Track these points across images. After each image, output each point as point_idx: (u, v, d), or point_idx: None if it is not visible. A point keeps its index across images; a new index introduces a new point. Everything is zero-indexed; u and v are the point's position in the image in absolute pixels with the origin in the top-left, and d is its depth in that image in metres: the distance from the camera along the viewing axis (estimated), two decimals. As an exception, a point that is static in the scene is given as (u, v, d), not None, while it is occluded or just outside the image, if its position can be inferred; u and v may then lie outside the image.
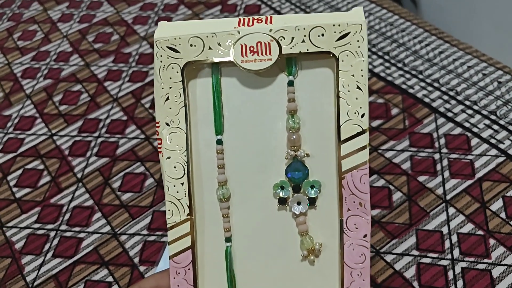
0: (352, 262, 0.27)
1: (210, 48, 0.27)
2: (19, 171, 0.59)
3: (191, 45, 0.27)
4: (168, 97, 0.28)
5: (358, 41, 0.26)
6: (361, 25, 0.26)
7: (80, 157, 0.59)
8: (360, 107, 0.26)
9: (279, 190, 0.28)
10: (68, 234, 0.52)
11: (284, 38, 0.27)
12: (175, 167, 0.28)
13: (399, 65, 0.64)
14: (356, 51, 0.26)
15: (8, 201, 0.56)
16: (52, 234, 0.52)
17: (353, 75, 0.26)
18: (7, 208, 0.55)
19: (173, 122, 0.28)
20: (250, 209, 0.29)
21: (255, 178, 0.29)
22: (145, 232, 0.51)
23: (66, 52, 0.73)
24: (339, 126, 0.27)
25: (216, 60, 0.27)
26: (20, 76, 0.71)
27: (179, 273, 0.28)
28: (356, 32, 0.26)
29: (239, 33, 0.27)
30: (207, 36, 0.27)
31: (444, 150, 0.53)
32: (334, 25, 0.26)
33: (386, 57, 0.65)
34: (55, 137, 0.62)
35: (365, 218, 0.27)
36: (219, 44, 0.27)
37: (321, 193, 0.28)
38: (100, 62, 0.71)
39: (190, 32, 0.28)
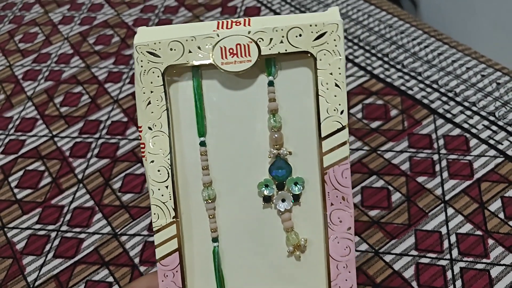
0: (337, 255, 0.27)
1: (190, 52, 0.28)
2: (20, 172, 0.59)
3: (171, 49, 0.28)
4: (149, 101, 0.28)
5: (334, 40, 0.27)
6: (337, 24, 0.27)
7: (81, 158, 0.59)
8: (339, 104, 0.27)
9: (263, 189, 0.29)
10: (69, 234, 0.52)
11: (262, 40, 0.27)
12: (159, 171, 0.28)
13: (398, 66, 0.64)
14: (333, 50, 0.27)
15: (9, 202, 0.56)
16: (53, 234, 0.52)
17: (331, 73, 0.27)
18: (9, 209, 0.55)
19: (155, 126, 0.28)
20: (235, 208, 0.29)
21: (240, 177, 0.29)
22: (145, 232, 0.51)
23: (67, 54, 0.74)
24: (319, 123, 0.27)
25: (196, 63, 0.28)
26: (21, 78, 0.71)
27: (167, 275, 0.28)
28: (332, 31, 0.27)
29: (218, 36, 0.28)
30: (186, 40, 0.28)
31: (443, 151, 0.54)
32: (311, 25, 0.27)
33: (385, 58, 0.65)
34: (56, 139, 0.62)
35: (348, 212, 0.27)
36: (198, 48, 0.28)
37: (305, 190, 0.29)
38: (100, 64, 0.71)
39: (170, 36, 0.28)
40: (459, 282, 0.44)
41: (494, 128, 0.55)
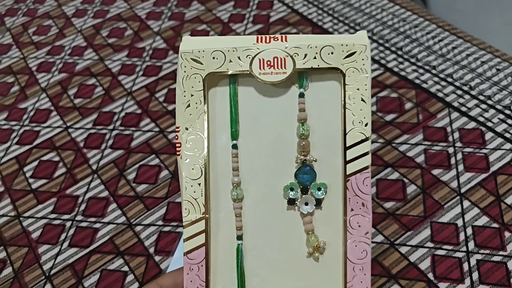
0: (354, 258, 0.29)
1: (230, 61, 0.30)
2: (35, 163, 0.59)
3: (213, 58, 0.30)
4: (189, 104, 0.31)
5: (363, 59, 0.30)
6: (366, 46, 0.30)
7: (95, 149, 0.59)
8: (364, 117, 0.30)
9: (288, 191, 0.31)
10: (83, 224, 0.52)
11: (298, 55, 0.30)
12: (193, 169, 0.30)
13: (412, 60, 0.64)
14: (361, 68, 0.30)
15: (25, 192, 0.56)
16: (68, 224, 0.53)
17: (358, 89, 0.30)
18: (24, 199, 0.56)
19: (192, 127, 0.31)
20: (261, 209, 0.31)
21: (267, 180, 0.31)
22: (160, 222, 0.51)
23: (81, 46, 0.74)
24: (345, 134, 0.30)
25: (235, 72, 0.31)
26: (36, 70, 0.71)
27: (192, 269, 0.29)
28: (361, 51, 0.30)
29: (258, 49, 0.30)
30: (228, 51, 0.31)
31: (458, 144, 0.53)
32: (342, 45, 0.30)
33: (399, 52, 0.65)
34: (70, 130, 0.62)
35: (366, 217, 0.29)
36: (239, 58, 0.30)
37: (327, 195, 0.30)
38: (114, 56, 0.71)
39: (213, 46, 0.31)
40: (476, 274, 0.44)
41: (510, 121, 0.55)
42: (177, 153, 0.31)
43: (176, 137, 0.31)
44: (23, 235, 0.52)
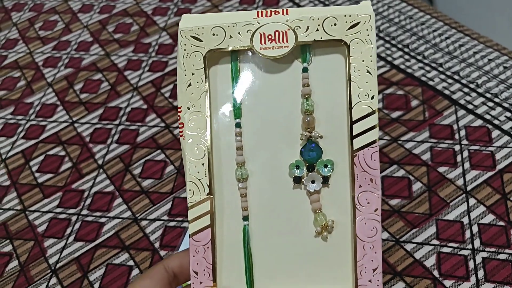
0: (364, 236, 0.28)
1: (230, 37, 0.29)
2: (41, 157, 0.59)
3: (213, 34, 0.29)
4: (190, 83, 0.30)
5: (367, 30, 0.29)
6: (370, 16, 0.29)
7: (101, 144, 0.60)
8: (370, 90, 0.28)
9: (294, 169, 0.29)
10: (89, 218, 0.53)
11: (299, 27, 0.29)
12: (196, 149, 0.29)
13: (419, 57, 0.63)
14: (365, 39, 0.29)
15: (31, 186, 0.57)
16: (74, 218, 0.53)
17: (363, 61, 0.29)
18: (30, 193, 0.56)
19: (194, 106, 0.30)
20: (266, 188, 0.30)
21: (272, 158, 0.30)
22: (165, 217, 0.51)
23: (87, 42, 0.74)
24: (351, 108, 0.28)
25: (236, 48, 0.29)
26: (42, 65, 0.72)
27: (198, 251, 0.29)
28: (365, 22, 0.29)
29: (258, 23, 0.29)
30: (228, 26, 0.29)
31: (465, 142, 0.53)
32: (345, 16, 0.29)
33: (406, 49, 0.65)
34: (76, 125, 0.62)
35: (376, 194, 0.28)
36: (239, 33, 0.29)
37: (334, 172, 0.29)
38: (120, 52, 0.71)
39: (212, 22, 0.29)
40: (481, 272, 0.44)
41: (516, 119, 0.55)
42: (180, 133, 0.30)
43: (179, 117, 0.30)
44: (29, 228, 0.53)
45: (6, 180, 0.58)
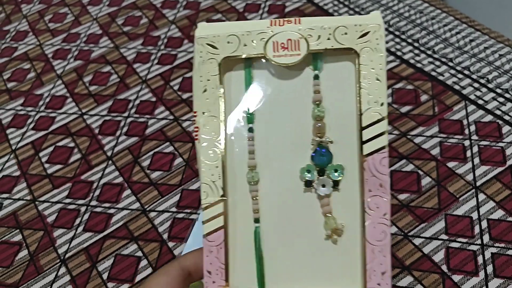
0: (374, 240, 0.29)
1: (245, 45, 0.31)
2: (51, 148, 0.60)
3: (228, 42, 0.31)
4: (206, 89, 0.31)
5: (377, 39, 0.30)
6: (380, 25, 0.30)
7: (110, 136, 0.60)
8: (380, 97, 0.29)
9: (305, 174, 0.30)
10: (98, 209, 0.53)
11: (311, 36, 0.30)
12: (210, 152, 0.31)
13: (429, 52, 0.63)
14: (375, 48, 0.30)
15: (40, 177, 0.57)
16: (83, 209, 0.53)
17: (372, 69, 0.29)
18: (39, 183, 0.56)
19: (209, 111, 0.31)
20: (278, 191, 0.31)
21: (283, 162, 0.31)
22: (174, 209, 0.51)
23: (96, 34, 0.74)
24: (360, 114, 0.29)
25: (250, 55, 0.31)
26: (51, 57, 0.72)
27: (212, 251, 0.30)
28: (375, 31, 0.30)
29: (272, 32, 0.31)
30: (242, 34, 0.31)
31: (475, 137, 0.53)
32: (356, 25, 0.30)
33: (416, 44, 0.64)
34: (85, 116, 0.63)
35: (385, 198, 0.29)
36: (253, 41, 0.31)
37: (344, 177, 0.30)
38: (129, 44, 0.71)
39: (228, 31, 0.31)
40: (490, 267, 0.44)
41: (527, 115, 0.54)
42: (195, 137, 0.31)
43: (194, 121, 0.31)
44: (39, 219, 0.53)
45: (16, 171, 0.58)
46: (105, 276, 0.48)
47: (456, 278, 0.44)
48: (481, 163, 0.51)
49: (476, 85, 0.58)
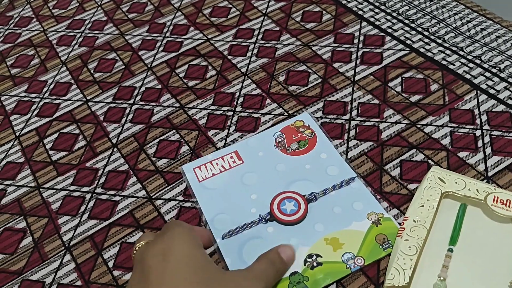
0: None
1: (469, 190, 0.40)
2: (55, 135, 0.59)
3: (455, 182, 0.41)
4: (423, 205, 0.40)
5: None
6: None
7: (115, 123, 0.59)
8: None
9: None
10: (103, 197, 0.52)
11: None
12: (409, 247, 0.38)
13: (439, 41, 0.62)
14: None
15: (45, 163, 0.56)
16: (88, 196, 0.53)
17: None
18: (44, 170, 0.56)
19: (419, 221, 0.39)
20: None
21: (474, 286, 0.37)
22: (181, 198, 0.51)
23: (101, 21, 0.73)
24: None
25: (471, 197, 0.40)
26: (56, 43, 0.71)
27: None
28: None
29: (495, 189, 0.40)
30: (470, 182, 0.41)
31: (486, 127, 0.52)
32: None
33: (426, 33, 0.63)
34: (90, 103, 0.62)
35: None
36: (477, 190, 0.40)
37: None
38: (134, 31, 0.71)
39: (457, 177, 0.41)
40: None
41: (540, 105, 0.53)
42: (399, 233, 0.40)
43: (402, 223, 0.40)
44: (43, 206, 0.53)
45: (20, 157, 0.58)
46: (110, 264, 0.47)
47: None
48: (493, 153, 0.50)
49: (487, 74, 0.57)
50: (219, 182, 0.50)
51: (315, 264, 0.43)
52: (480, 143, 0.51)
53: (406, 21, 0.65)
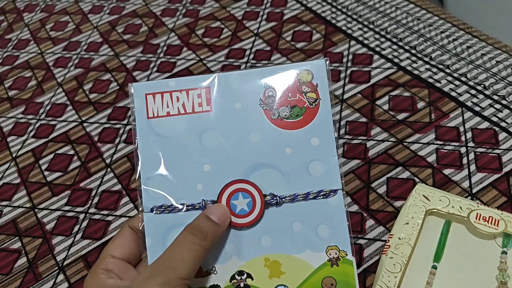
0: None
1: (452, 207, 0.41)
2: (51, 156, 0.60)
3: (440, 200, 0.42)
4: (408, 222, 0.41)
5: None
6: None
7: (109, 143, 0.60)
8: None
9: None
10: (96, 217, 0.53)
11: (511, 223, 0.39)
12: (394, 265, 0.39)
13: (426, 59, 0.63)
14: None
15: (40, 184, 0.58)
16: (82, 216, 0.54)
17: None
18: (39, 191, 0.57)
19: (404, 238, 0.40)
20: None
21: None
22: (171, 216, 0.52)
23: (96, 42, 0.75)
24: None
25: (453, 213, 0.41)
26: (52, 65, 0.73)
27: None
28: None
29: (478, 207, 0.41)
30: (453, 199, 0.41)
31: (471, 144, 0.53)
32: None
33: (413, 51, 0.65)
34: (85, 124, 0.63)
35: None
36: (460, 207, 0.41)
37: None
38: (129, 52, 0.72)
39: (441, 194, 0.42)
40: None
41: (524, 122, 0.54)
42: (384, 251, 0.40)
43: (387, 241, 0.40)
44: (38, 226, 0.54)
45: (17, 178, 0.59)
46: (102, 283, 0.48)
47: None
48: (477, 170, 0.51)
49: (472, 91, 0.58)
50: (172, 129, 0.37)
51: (241, 285, 0.35)
52: (465, 160, 0.52)
53: (394, 40, 0.67)
